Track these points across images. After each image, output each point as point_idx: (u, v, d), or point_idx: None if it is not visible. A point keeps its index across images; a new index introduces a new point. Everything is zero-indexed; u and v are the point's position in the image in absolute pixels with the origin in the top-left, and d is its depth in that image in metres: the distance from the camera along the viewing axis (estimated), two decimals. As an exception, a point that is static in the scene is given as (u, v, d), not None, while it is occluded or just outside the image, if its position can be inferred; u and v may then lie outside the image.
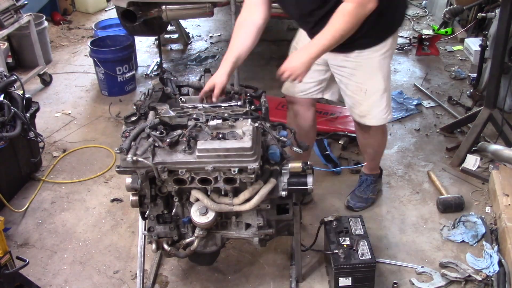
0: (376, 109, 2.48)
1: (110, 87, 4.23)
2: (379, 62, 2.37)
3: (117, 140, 2.64)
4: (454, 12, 3.95)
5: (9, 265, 2.24)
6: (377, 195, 3.03)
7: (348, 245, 2.30)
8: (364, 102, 2.47)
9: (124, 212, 2.98)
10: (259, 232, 2.16)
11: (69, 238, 2.81)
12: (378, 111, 2.49)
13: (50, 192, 3.19)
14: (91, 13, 6.14)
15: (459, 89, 4.17)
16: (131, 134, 1.94)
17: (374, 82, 2.42)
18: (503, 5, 2.96)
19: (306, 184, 2.04)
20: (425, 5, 5.94)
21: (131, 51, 4.29)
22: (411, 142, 3.56)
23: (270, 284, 2.49)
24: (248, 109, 2.18)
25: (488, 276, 2.41)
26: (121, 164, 1.95)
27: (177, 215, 2.15)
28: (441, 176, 3.19)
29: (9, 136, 2.78)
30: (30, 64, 4.44)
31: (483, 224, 2.73)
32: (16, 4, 4.02)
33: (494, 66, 3.14)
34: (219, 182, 1.97)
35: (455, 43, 4.98)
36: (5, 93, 2.91)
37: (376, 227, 2.81)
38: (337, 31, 2.07)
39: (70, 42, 5.44)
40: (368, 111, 2.49)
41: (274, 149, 2.03)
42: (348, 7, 2.04)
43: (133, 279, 2.53)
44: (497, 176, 2.92)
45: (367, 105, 2.48)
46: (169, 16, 3.82)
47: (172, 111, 2.12)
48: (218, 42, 5.26)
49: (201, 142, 1.90)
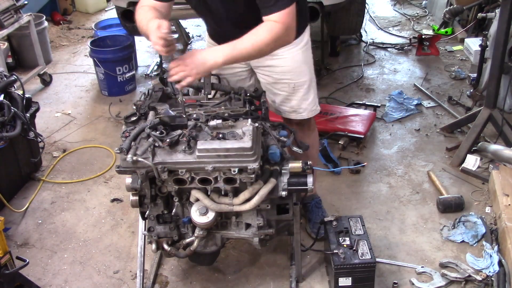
0: (305, 102, 2.45)
1: (110, 87, 4.23)
2: (302, 54, 2.36)
3: (117, 140, 2.64)
4: (454, 12, 3.94)
5: (9, 265, 2.24)
6: (377, 195, 3.03)
7: (348, 245, 2.30)
8: (293, 97, 2.43)
9: (124, 212, 2.98)
10: (259, 232, 2.16)
11: (69, 238, 2.81)
12: (307, 103, 2.45)
13: (50, 192, 3.19)
14: (91, 13, 6.15)
15: (459, 89, 4.17)
16: (131, 134, 1.94)
17: (300, 75, 2.39)
18: (503, 5, 2.96)
19: (306, 184, 2.05)
20: (425, 5, 5.95)
21: (131, 51, 4.29)
22: (411, 142, 3.56)
23: (270, 284, 2.49)
24: (248, 109, 2.18)
25: (488, 276, 2.41)
26: (121, 164, 1.95)
27: (177, 215, 2.15)
28: (441, 176, 3.19)
29: (9, 136, 2.78)
30: (30, 64, 4.44)
31: (483, 224, 2.73)
32: (16, 4, 4.02)
33: (494, 66, 3.14)
34: (219, 182, 1.97)
35: (455, 43, 4.98)
36: (5, 93, 2.91)
37: (376, 227, 2.81)
38: (255, 43, 1.99)
39: (70, 42, 5.44)
40: (298, 105, 2.45)
41: (274, 149, 2.03)
42: (275, 27, 1.98)
43: (133, 279, 2.53)
44: (497, 176, 2.92)
45: (296, 100, 2.43)
46: (169, 16, 3.81)
47: (172, 111, 2.12)
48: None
49: (201, 142, 1.90)
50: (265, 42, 1.99)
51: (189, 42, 5.28)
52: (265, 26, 2.00)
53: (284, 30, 1.99)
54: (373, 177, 3.21)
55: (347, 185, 3.13)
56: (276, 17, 1.98)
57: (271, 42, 2.00)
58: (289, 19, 1.99)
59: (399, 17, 5.76)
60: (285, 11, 1.97)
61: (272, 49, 2.07)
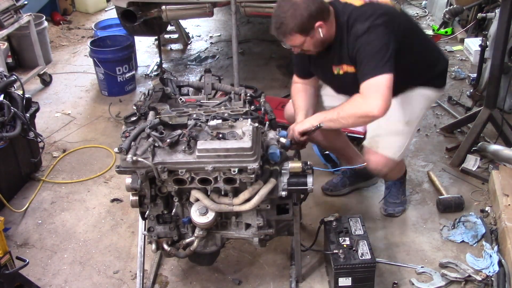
0: (393, 138, 2.46)
1: (110, 87, 4.23)
2: (422, 101, 2.45)
3: (117, 140, 2.64)
4: (454, 12, 3.95)
5: (9, 265, 2.24)
6: (377, 195, 3.03)
7: (348, 245, 2.30)
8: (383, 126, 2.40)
9: (124, 212, 2.98)
10: (259, 232, 2.16)
11: (69, 238, 2.81)
12: (393, 141, 2.46)
13: (50, 192, 3.19)
14: (91, 13, 6.15)
15: (459, 89, 4.17)
16: (131, 134, 1.94)
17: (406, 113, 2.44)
18: (503, 5, 2.96)
19: (306, 184, 2.05)
20: (425, 5, 5.95)
21: (131, 51, 4.29)
22: (411, 142, 3.55)
23: (270, 284, 2.49)
24: (248, 109, 2.18)
25: (488, 276, 2.41)
26: (121, 164, 1.95)
27: (177, 215, 2.15)
28: (441, 176, 3.19)
29: (9, 136, 2.78)
30: (30, 64, 4.44)
31: (483, 224, 2.73)
32: (16, 4, 4.02)
33: (494, 66, 3.14)
34: (219, 182, 1.98)
35: (455, 43, 4.98)
36: (5, 93, 2.91)
37: (376, 227, 2.81)
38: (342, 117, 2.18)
39: (70, 42, 5.44)
40: (384, 136, 2.46)
41: (274, 149, 2.03)
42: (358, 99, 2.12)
43: (133, 279, 2.53)
44: (497, 176, 2.92)
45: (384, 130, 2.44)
46: (169, 16, 3.82)
47: (172, 111, 2.12)
48: (218, 42, 5.25)
49: (201, 142, 1.90)
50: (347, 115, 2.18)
51: (189, 42, 5.28)
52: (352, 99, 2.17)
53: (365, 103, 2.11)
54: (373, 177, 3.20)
55: (347, 185, 3.13)
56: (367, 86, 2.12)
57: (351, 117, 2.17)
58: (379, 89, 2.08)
59: (399, 17, 5.75)
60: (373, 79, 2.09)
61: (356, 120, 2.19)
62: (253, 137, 1.90)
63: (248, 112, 2.16)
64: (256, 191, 1.99)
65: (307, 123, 2.28)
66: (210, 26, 5.66)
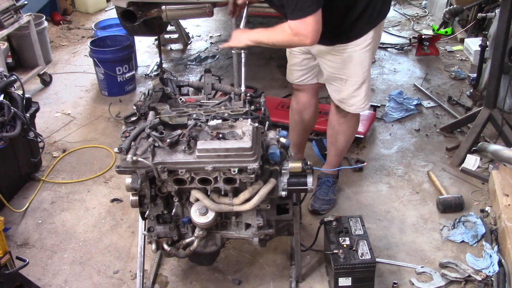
0: (354, 98, 2.60)
1: (110, 87, 4.23)
2: (360, 55, 2.46)
3: (117, 140, 2.64)
4: (454, 12, 3.95)
5: (9, 265, 2.24)
6: (377, 195, 3.04)
7: (348, 245, 2.30)
8: (343, 91, 2.59)
9: (124, 212, 2.98)
10: (259, 232, 2.15)
11: (69, 238, 2.81)
12: (356, 100, 2.61)
13: (50, 192, 3.19)
14: (91, 13, 6.15)
15: (459, 89, 4.17)
16: (131, 134, 1.94)
17: (354, 74, 2.52)
18: (503, 5, 2.96)
19: (306, 184, 2.05)
20: (425, 5, 5.95)
21: (131, 51, 4.29)
22: (411, 142, 3.56)
23: (270, 284, 2.49)
24: (248, 109, 2.18)
25: (488, 276, 2.42)
26: (121, 164, 1.95)
27: (177, 215, 2.15)
28: (441, 176, 3.19)
29: (9, 136, 2.78)
30: (30, 64, 4.44)
31: (483, 224, 2.73)
32: (16, 4, 4.02)
33: (494, 66, 3.14)
34: (219, 182, 1.97)
35: (455, 43, 4.98)
36: (5, 93, 2.91)
37: (376, 227, 2.81)
38: (271, 38, 2.28)
39: (70, 42, 5.44)
40: (347, 99, 2.62)
41: (274, 149, 2.03)
42: (287, 30, 2.17)
43: (133, 279, 2.53)
44: (497, 176, 2.92)
45: (346, 94, 2.60)
46: (169, 16, 3.81)
47: (172, 111, 2.12)
48: (218, 42, 5.26)
49: (201, 142, 1.90)
50: (278, 41, 2.26)
51: (189, 42, 5.28)
52: (281, 28, 2.21)
53: (295, 37, 2.17)
54: (373, 177, 3.21)
55: (347, 185, 3.13)
56: (291, 25, 2.15)
57: (283, 43, 2.27)
58: (300, 29, 2.13)
59: (399, 17, 5.76)
60: (297, 21, 2.12)
61: (286, 46, 2.43)
62: (253, 137, 1.90)
63: (248, 112, 2.16)
64: (256, 191, 1.99)
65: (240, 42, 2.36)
66: (210, 26, 5.67)
